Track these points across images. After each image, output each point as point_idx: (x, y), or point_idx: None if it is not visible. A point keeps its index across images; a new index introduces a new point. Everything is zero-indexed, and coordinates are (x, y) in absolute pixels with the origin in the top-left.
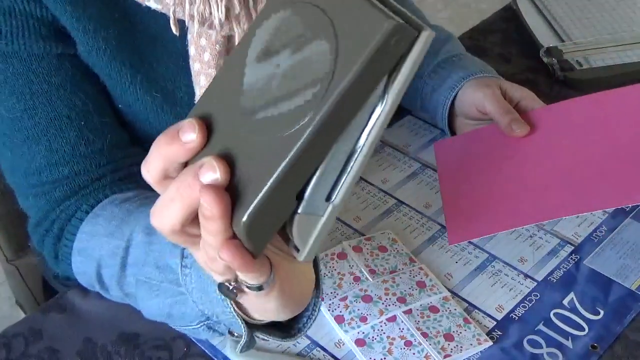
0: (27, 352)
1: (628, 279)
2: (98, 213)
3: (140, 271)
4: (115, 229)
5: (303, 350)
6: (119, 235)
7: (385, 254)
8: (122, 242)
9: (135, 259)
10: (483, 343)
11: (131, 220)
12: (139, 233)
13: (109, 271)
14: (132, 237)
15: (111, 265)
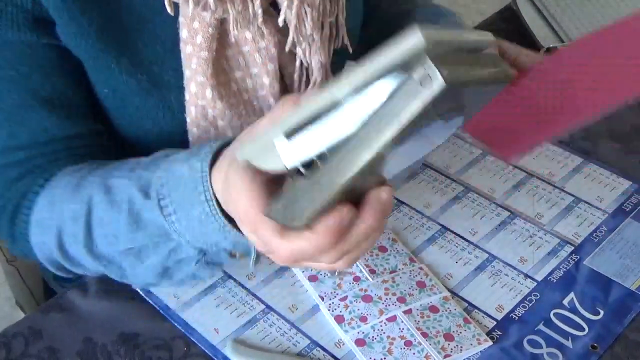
0: (27, 352)
1: (628, 279)
2: (54, 185)
3: (111, 237)
4: (71, 195)
5: (303, 350)
6: (76, 200)
7: (385, 254)
8: (82, 206)
9: (100, 220)
10: (483, 343)
11: (87, 184)
12: (98, 193)
13: (72, 238)
14: (91, 201)
15: (74, 230)
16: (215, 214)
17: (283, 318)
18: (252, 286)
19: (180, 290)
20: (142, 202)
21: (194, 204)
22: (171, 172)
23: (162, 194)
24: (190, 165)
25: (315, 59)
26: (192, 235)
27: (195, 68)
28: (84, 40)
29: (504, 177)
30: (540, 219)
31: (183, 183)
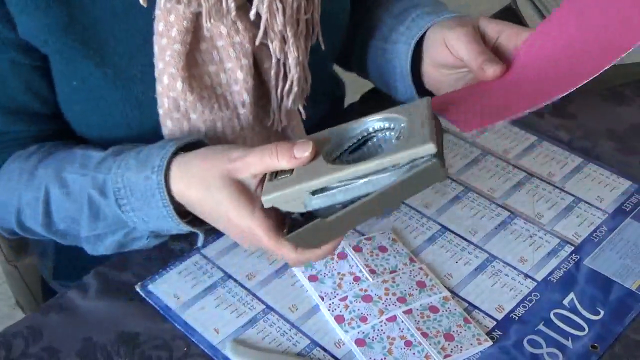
0: (27, 352)
1: (628, 279)
2: (7, 168)
3: (70, 216)
4: (26, 183)
5: (303, 350)
6: (32, 188)
7: (385, 254)
8: (39, 194)
9: (59, 207)
10: (483, 343)
11: (40, 174)
12: (54, 187)
13: (32, 218)
14: (49, 191)
15: (33, 214)
16: (172, 216)
17: (283, 318)
18: (252, 286)
19: (180, 290)
20: (100, 200)
21: (152, 207)
22: (127, 179)
23: (120, 195)
24: (145, 176)
25: (291, 55)
26: (147, 226)
27: (169, 60)
28: (49, 35)
29: (504, 177)
30: (540, 219)
31: (139, 190)
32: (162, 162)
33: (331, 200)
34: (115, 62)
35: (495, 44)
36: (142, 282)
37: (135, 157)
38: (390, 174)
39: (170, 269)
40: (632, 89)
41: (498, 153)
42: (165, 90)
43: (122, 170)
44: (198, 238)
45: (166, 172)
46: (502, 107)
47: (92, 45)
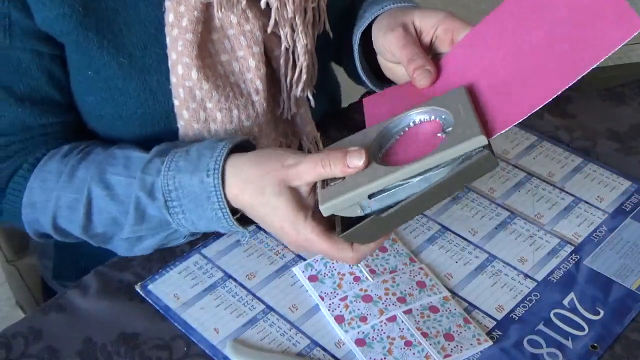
0: (27, 352)
1: (628, 279)
2: (43, 169)
3: (111, 218)
4: (66, 184)
5: (303, 350)
6: (72, 189)
7: (385, 254)
8: (80, 195)
9: (101, 209)
10: (483, 343)
11: (80, 175)
12: (96, 189)
13: (69, 220)
14: (91, 192)
15: (71, 216)
16: (228, 218)
17: (283, 318)
18: (252, 286)
19: (180, 290)
20: (148, 202)
21: (206, 209)
22: (178, 182)
23: (170, 197)
24: (200, 179)
25: (300, 42)
26: (194, 227)
27: (182, 50)
28: (65, 23)
29: (504, 177)
30: (540, 219)
31: (193, 193)
32: (217, 164)
33: (388, 200)
34: (129, 52)
35: (432, 38)
36: (142, 282)
37: (184, 158)
38: (444, 168)
39: (170, 269)
40: (632, 89)
41: (498, 153)
42: (180, 80)
43: (172, 173)
44: (243, 236)
45: (221, 174)
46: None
47: (106, 35)
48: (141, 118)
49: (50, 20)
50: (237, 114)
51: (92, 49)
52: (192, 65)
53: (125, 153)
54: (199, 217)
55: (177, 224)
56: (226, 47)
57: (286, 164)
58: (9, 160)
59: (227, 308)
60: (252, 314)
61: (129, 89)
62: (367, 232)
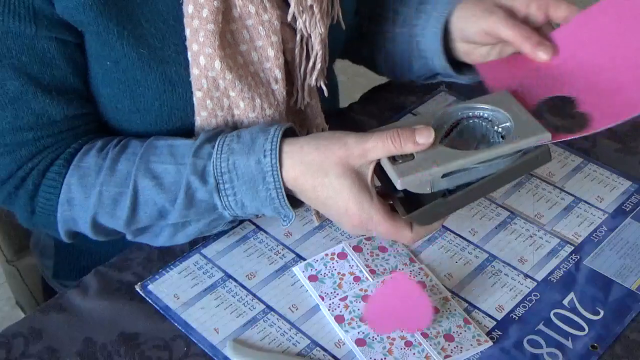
0: (27, 352)
1: (628, 279)
2: (80, 165)
3: (157, 210)
4: (109, 178)
5: (303, 350)
6: (116, 183)
7: (385, 254)
8: (125, 188)
9: (147, 200)
10: (483, 343)
11: (123, 168)
12: (143, 180)
13: (111, 215)
14: (137, 184)
15: (115, 210)
16: (282, 199)
17: (283, 318)
18: (252, 286)
19: (180, 290)
20: (198, 186)
21: (260, 190)
22: (232, 163)
23: (223, 180)
24: (257, 160)
25: (316, 31)
26: (242, 211)
27: (203, 41)
28: (86, 14)
29: None
30: (540, 219)
31: (249, 174)
32: (274, 145)
33: (456, 181)
34: (149, 43)
35: (526, 15)
36: (142, 282)
37: (237, 141)
38: (508, 158)
39: (170, 269)
40: None
41: None
42: (203, 72)
43: (226, 155)
44: (285, 218)
45: (278, 156)
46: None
47: (126, 26)
48: (158, 110)
49: (70, 10)
50: (259, 102)
51: (112, 40)
52: (215, 56)
53: (167, 142)
54: (251, 198)
55: (224, 207)
56: (245, 37)
57: (349, 142)
58: (40, 155)
59: (227, 308)
60: (252, 314)
61: (148, 80)
62: (430, 213)
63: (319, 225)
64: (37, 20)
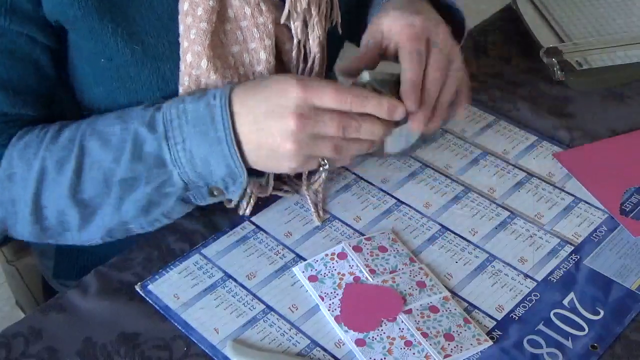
0: (27, 352)
1: (628, 279)
2: (19, 142)
3: (103, 173)
4: (52, 146)
5: (303, 350)
6: (59, 148)
7: (385, 254)
8: (69, 152)
9: (93, 162)
10: (483, 343)
11: (68, 135)
12: (90, 141)
13: (57, 183)
14: (83, 145)
15: (59, 177)
16: (231, 144)
17: (283, 318)
18: (252, 286)
19: (180, 290)
20: (147, 136)
21: (209, 133)
22: (182, 108)
23: (172, 127)
24: (206, 102)
25: (313, 35)
26: (190, 165)
27: (194, 39)
28: (78, 11)
29: (504, 177)
30: (540, 219)
31: (198, 117)
32: (225, 90)
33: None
34: (143, 40)
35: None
36: (142, 282)
37: (188, 94)
38: None
39: (170, 269)
40: (632, 89)
41: (498, 153)
42: (187, 69)
43: (176, 103)
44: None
45: (228, 101)
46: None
47: (120, 22)
48: None
49: (63, 6)
50: None
51: (106, 36)
52: (203, 54)
53: (116, 111)
54: (199, 142)
55: (173, 161)
56: (238, 39)
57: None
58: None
59: (227, 308)
60: (252, 314)
61: (142, 76)
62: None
63: (319, 225)
64: (13, 14)
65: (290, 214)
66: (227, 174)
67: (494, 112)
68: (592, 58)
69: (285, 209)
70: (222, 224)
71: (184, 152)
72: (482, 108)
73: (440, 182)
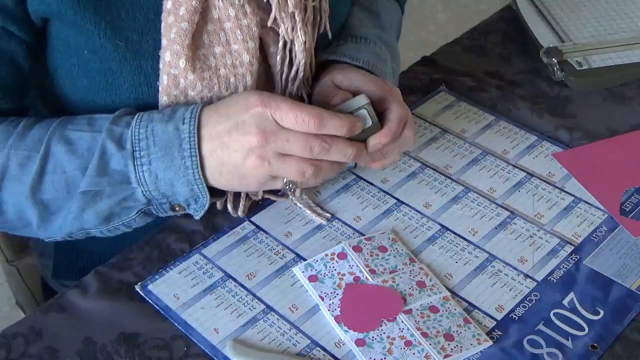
0: (27, 352)
1: (628, 279)
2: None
3: (65, 179)
4: (18, 143)
5: (303, 350)
6: (24, 147)
7: (385, 254)
8: (34, 153)
9: (57, 166)
10: (483, 343)
11: (35, 134)
12: (56, 145)
13: (19, 180)
14: (49, 148)
15: (21, 175)
16: (196, 169)
17: (283, 318)
18: (252, 286)
19: (180, 290)
20: (114, 152)
21: (175, 157)
22: (151, 130)
23: (140, 147)
24: (175, 126)
25: (298, 40)
26: (154, 185)
27: (174, 38)
28: (62, 5)
29: (504, 177)
30: (540, 219)
31: (166, 139)
32: (194, 114)
33: None
34: (126, 36)
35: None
36: (142, 282)
37: (158, 111)
38: None
39: (170, 269)
40: (632, 89)
41: (498, 153)
42: (166, 67)
43: (145, 122)
44: (202, 206)
45: (197, 124)
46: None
47: (104, 17)
48: (134, 104)
49: (46, 2)
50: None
51: (89, 29)
52: (181, 54)
53: (87, 115)
54: (165, 166)
55: (138, 180)
56: (221, 40)
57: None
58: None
59: (227, 308)
60: (252, 314)
61: (124, 72)
62: None
63: (319, 225)
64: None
65: (290, 214)
66: (191, 196)
67: (494, 112)
68: (592, 58)
69: (285, 209)
70: (222, 224)
71: (149, 173)
72: (482, 108)
73: (440, 182)
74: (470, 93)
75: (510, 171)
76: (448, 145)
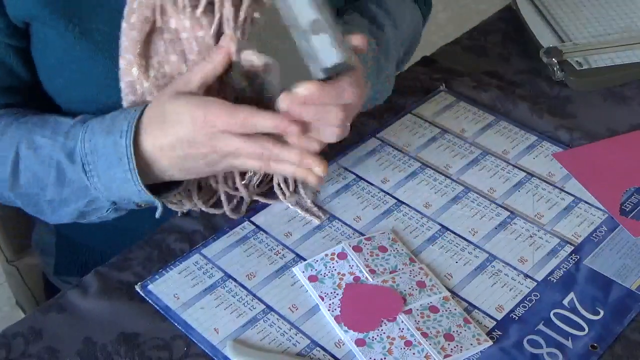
0: (27, 352)
1: (628, 279)
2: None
3: (37, 180)
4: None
5: (303, 350)
6: (2, 146)
7: (385, 254)
8: (9, 153)
9: (26, 168)
10: (483, 343)
11: (12, 134)
12: (25, 149)
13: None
14: (19, 150)
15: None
16: (136, 181)
17: (283, 318)
18: (252, 286)
19: (180, 290)
20: (68, 165)
21: (118, 172)
22: (94, 145)
23: (87, 161)
24: (114, 141)
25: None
26: (109, 193)
27: (126, 46)
28: (34, 6)
29: (504, 177)
30: (540, 219)
31: (106, 154)
32: (130, 126)
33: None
34: (95, 38)
35: None
36: (142, 282)
37: (99, 122)
38: None
39: (170, 269)
40: (632, 89)
41: (498, 153)
42: (122, 74)
43: (88, 136)
44: (157, 210)
45: (135, 136)
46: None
47: (72, 19)
48: (104, 103)
49: (26, 4)
50: None
51: (61, 30)
52: (134, 63)
53: (56, 119)
54: (111, 179)
55: (94, 189)
56: (177, 49)
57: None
58: None
59: (227, 308)
60: (252, 314)
61: (95, 72)
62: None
63: (319, 225)
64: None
65: (290, 214)
66: (144, 202)
67: (494, 112)
68: (592, 58)
69: (286, 209)
70: (222, 224)
71: (101, 184)
72: (482, 108)
73: (440, 182)
74: (470, 93)
75: (510, 171)
76: (448, 145)
